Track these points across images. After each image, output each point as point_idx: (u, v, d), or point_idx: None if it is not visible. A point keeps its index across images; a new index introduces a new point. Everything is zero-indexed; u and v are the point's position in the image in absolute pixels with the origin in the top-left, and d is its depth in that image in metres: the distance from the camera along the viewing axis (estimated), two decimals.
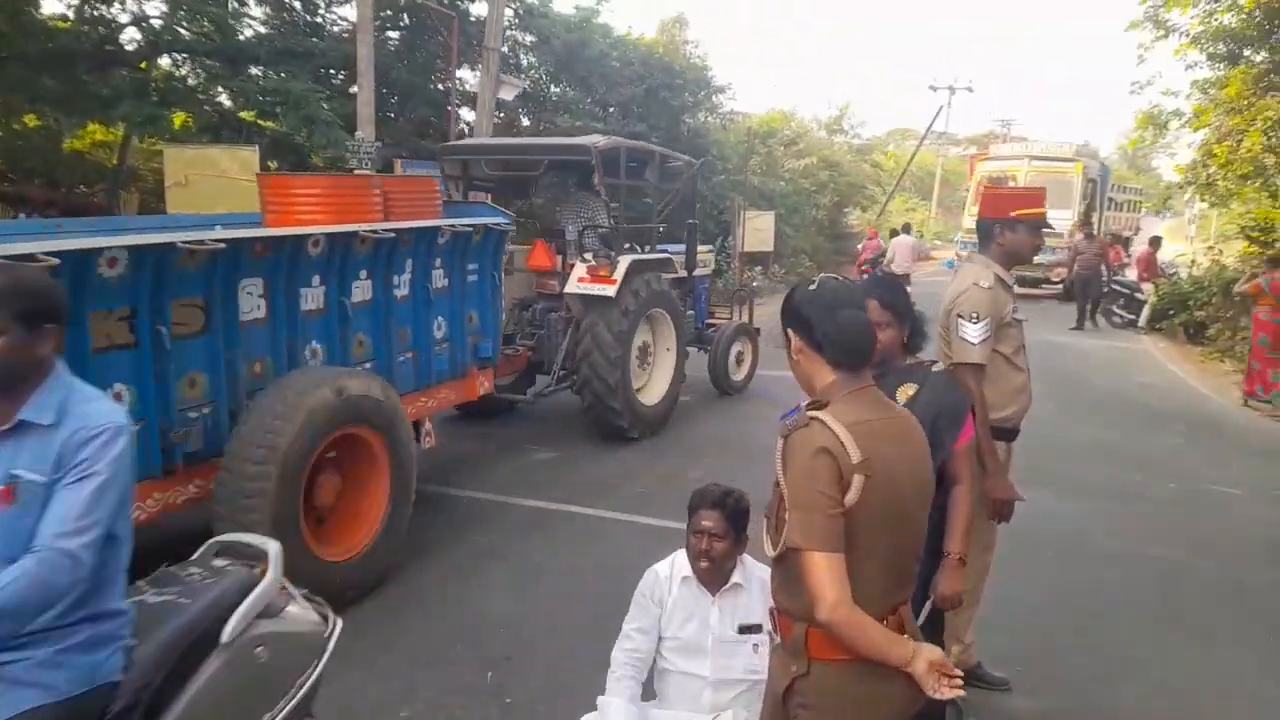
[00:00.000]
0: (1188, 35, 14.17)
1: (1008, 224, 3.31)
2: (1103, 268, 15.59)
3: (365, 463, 4.29)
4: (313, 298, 4.39)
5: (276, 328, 4.20)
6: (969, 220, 19.36)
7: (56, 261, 3.08)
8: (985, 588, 3.52)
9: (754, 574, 2.74)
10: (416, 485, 4.59)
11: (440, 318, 5.39)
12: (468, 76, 16.36)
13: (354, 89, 14.29)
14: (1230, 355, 12.07)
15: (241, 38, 13.81)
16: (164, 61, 14.25)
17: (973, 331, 3.14)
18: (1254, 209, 13.10)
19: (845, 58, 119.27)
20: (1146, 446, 7.77)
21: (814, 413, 1.83)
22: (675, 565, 2.78)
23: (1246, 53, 13.98)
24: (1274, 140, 11.41)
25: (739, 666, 2.68)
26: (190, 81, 14.13)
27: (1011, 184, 18.49)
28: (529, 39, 17.63)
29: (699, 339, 8.90)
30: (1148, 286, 15.29)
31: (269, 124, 13.54)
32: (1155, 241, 16.47)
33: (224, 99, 14.56)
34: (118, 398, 3.43)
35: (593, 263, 6.90)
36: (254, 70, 13.73)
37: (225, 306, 3.91)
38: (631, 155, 7.39)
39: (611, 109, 17.96)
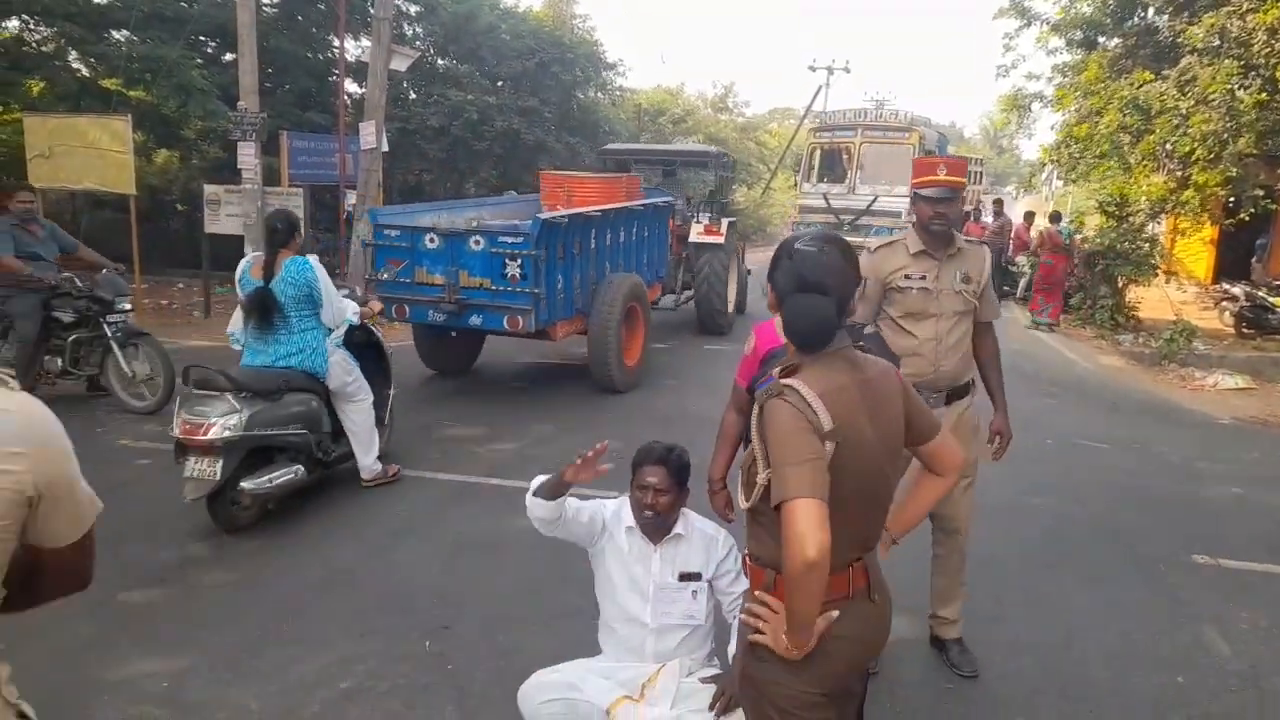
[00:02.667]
0: (1049, 23, 15.03)
1: (913, 197, 3.37)
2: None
3: (635, 321, 8.21)
4: (608, 240, 8.13)
5: (598, 255, 7.95)
6: (803, 199, 16.90)
7: (566, 220, 7.16)
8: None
9: (695, 525, 2.87)
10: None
11: (644, 253, 9.12)
12: (349, 46, 15.83)
13: (229, 57, 13.58)
14: (1091, 323, 12.98)
15: (102, 0, 12.94)
16: (12, 24, 13.21)
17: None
18: (1108, 185, 13.96)
19: (728, 34, 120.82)
20: (1024, 406, 8.28)
21: (787, 380, 1.81)
22: (622, 513, 2.88)
23: (1101, 39, 14.95)
24: (1127, 118, 12.23)
25: (678, 612, 2.81)
26: (46, 47, 13.13)
27: (845, 157, 16.27)
28: (415, 9, 17.17)
29: None
30: (1020, 259, 16.12)
31: (136, 93, 12.73)
32: (1029, 216, 17.17)
33: (82, 66, 13.61)
34: (560, 281, 7.21)
35: (708, 223, 10.78)
36: (118, 35, 12.89)
37: (586, 242, 7.65)
38: (721, 156, 12.08)
39: (501, 83, 17.71)
